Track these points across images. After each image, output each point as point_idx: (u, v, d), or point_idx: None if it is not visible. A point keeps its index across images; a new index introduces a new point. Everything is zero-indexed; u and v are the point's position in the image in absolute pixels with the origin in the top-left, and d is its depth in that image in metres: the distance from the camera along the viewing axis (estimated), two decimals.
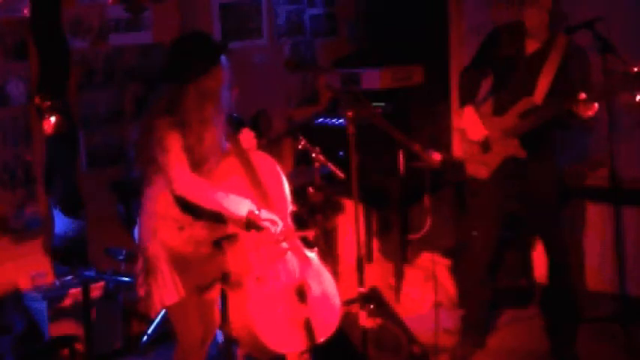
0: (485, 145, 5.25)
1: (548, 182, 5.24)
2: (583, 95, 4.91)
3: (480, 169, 5.29)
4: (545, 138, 5.20)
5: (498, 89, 5.29)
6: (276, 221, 4.19)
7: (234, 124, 4.40)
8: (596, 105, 4.92)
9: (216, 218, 4.22)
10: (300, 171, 5.96)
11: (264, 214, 4.16)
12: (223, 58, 4.19)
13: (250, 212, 4.12)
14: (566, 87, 5.03)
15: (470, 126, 5.26)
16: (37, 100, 5.48)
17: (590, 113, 4.94)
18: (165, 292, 4.20)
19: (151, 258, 4.23)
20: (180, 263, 4.22)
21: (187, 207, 4.21)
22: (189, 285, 4.22)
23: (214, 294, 4.36)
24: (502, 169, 5.22)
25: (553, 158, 5.28)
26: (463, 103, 5.32)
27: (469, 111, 5.27)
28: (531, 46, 5.15)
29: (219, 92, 4.20)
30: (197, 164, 4.17)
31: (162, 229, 4.22)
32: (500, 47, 5.23)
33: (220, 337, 4.70)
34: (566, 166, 5.94)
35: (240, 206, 4.12)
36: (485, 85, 5.40)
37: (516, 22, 5.20)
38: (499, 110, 5.24)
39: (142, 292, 4.28)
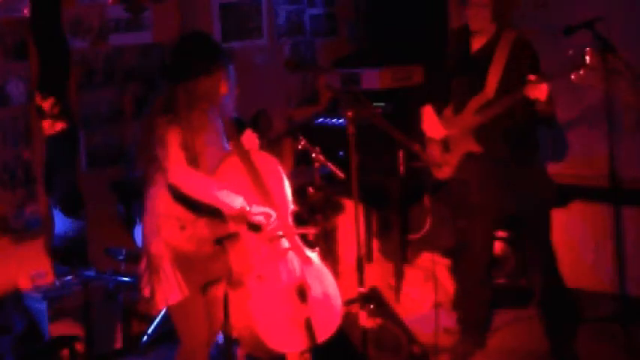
0: (445, 145, 5.30)
1: (537, 184, 5.26)
2: (532, 77, 4.92)
3: (442, 170, 5.33)
4: (529, 140, 5.24)
5: (455, 90, 5.36)
6: (269, 213, 4.20)
7: (236, 125, 4.41)
8: (546, 86, 4.90)
9: (219, 217, 4.22)
10: (300, 171, 5.96)
11: (256, 208, 4.18)
12: (230, 65, 4.23)
13: (242, 208, 4.13)
14: (518, 78, 5.06)
15: (428, 125, 5.34)
16: (46, 105, 5.48)
17: (539, 94, 4.91)
18: (169, 291, 4.21)
19: (154, 257, 4.24)
20: (184, 262, 4.23)
21: (190, 205, 4.22)
22: (192, 284, 4.23)
23: (218, 293, 4.35)
24: (467, 167, 5.23)
25: (539, 161, 5.32)
26: (422, 104, 5.40)
27: (427, 110, 5.38)
28: (477, 44, 5.23)
29: (217, 93, 4.21)
30: (195, 163, 4.18)
31: (165, 228, 4.23)
32: (450, 51, 5.34)
33: (220, 337, 4.70)
34: (564, 167, 5.95)
35: (233, 201, 4.14)
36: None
37: (463, 24, 5.28)
38: (458, 110, 5.31)
39: (146, 291, 4.29)
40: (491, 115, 5.12)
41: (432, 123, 5.35)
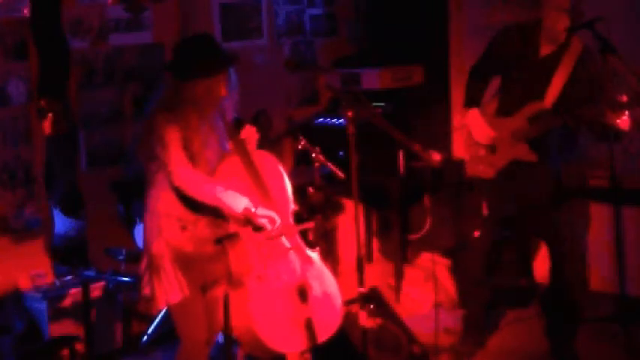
0: (491, 147, 5.23)
1: (544, 182, 5.23)
2: (624, 97, 4.78)
3: (485, 170, 5.25)
4: (540, 139, 5.18)
5: (507, 89, 5.22)
6: (274, 218, 4.20)
7: (236, 125, 4.42)
8: (628, 114, 4.73)
9: (219, 217, 4.22)
10: (300, 171, 5.96)
11: (261, 211, 4.17)
12: (231, 68, 4.23)
13: (247, 209, 4.13)
14: (579, 92, 4.98)
15: (475, 128, 5.23)
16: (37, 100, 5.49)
17: (619, 122, 4.74)
18: (170, 291, 4.22)
19: (155, 257, 4.24)
20: (184, 262, 4.23)
21: (191, 205, 4.22)
22: (193, 284, 4.23)
23: (219, 293, 4.35)
24: (506, 171, 5.20)
25: (549, 159, 5.28)
26: (468, 104, 5.28)
27: (474, 113, 5.23)
28: (546, 49, 5.06)
29: (216, 96, 4.21)
30: (193, 163, 4.19)
31: (166, 229, 4.24)
32: (511, 47, 5.14)
33: (220, 337, 4.70)
34: (565, 166, 5.94)
35: (238, 202, 4.13)
36: (493, 84, 5.36)
37: (531, 21, 5.12)
38: (506, 111, 5.18)
39: (146, 291, 4.29)
40: (546, 126, 4.99)
41: (480, 127, 5.20)
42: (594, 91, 4.96)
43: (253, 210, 4.15)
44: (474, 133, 5.24)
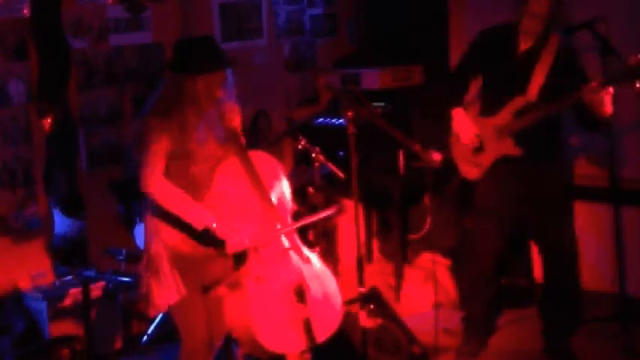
0: (477, 146, 5.24)
1: (557, 182, 5.24)
2: (594, 83, 4.85)
3: (471, 170, 5.28)
4: (553, 138, 5.19)
5: (489, 88, 5.27)
6: (235, 232, 4.18)
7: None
8: (612, 90, 4.83)
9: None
10: (300, 171, 5.96)
11: (222, 228, 4.16)
12: (229, 71, 4.22)
13: (207, 226, 4.13)
14: (562, 84, 5.01)
15: (461, 128, 5.25)
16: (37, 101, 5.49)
17: (600, 101, 4.84)
18: (167, 292, 4.21)
19: (153, 257, 4.24)
20: (181, 262, 4.23)
21: None
22: (191, 284, 4.23)
23: (219, 294, 4.34)
24: (499, 169, 5.20)
25: (561, 158, 5.29)
26: (452, 106, 5.30)
27: (458, 113, 5.26)
28: (524, 45, 5.12)
29: (213, 96, 4.20)
30: (191, 159, 4.18)
31: (164, 229, 4.24)
32: (490, 46, 5.21)
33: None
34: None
35: (199, 219, 4.14)
36: (473, 87, 5.40)
37: (506, 22, 5.19)
38: (490, 110, 5.21)
39: (143, 291, 4.29)
40: (533, 118, 5.02)
41: (465, 126, 5.22)
42: (575, 80, 5.00)
43: (214, 226, 4.14)
44: (459, 133, 5.25)
